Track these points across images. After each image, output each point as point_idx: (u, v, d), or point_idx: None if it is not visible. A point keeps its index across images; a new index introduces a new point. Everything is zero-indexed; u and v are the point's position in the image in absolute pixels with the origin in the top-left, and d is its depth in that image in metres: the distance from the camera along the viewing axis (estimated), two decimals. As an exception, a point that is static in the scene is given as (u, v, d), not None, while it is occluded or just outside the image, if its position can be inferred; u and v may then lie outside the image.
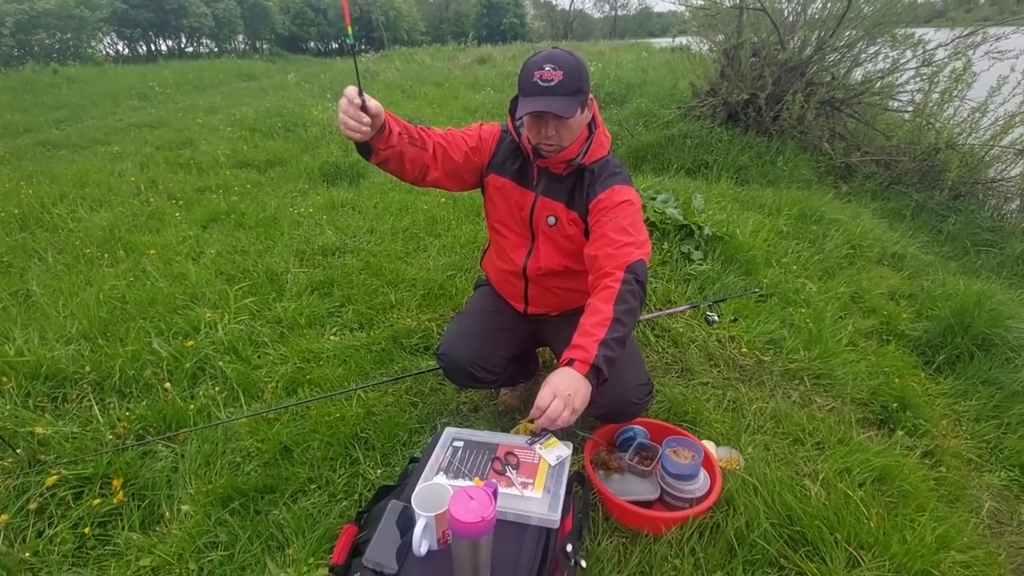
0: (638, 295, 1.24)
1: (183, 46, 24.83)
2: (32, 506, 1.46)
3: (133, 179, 4.39)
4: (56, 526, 1.43)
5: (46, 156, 5.55)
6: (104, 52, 20.68)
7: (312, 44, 31.71)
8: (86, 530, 1.40)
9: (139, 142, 5.86)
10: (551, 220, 1.46)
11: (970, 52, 4.25)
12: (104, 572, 1.33)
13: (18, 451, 1.60)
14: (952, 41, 4.32)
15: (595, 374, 1.15)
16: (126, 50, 23.55)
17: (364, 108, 1.16)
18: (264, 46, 28.01)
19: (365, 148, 1.27)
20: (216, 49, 25.27)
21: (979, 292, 2.63)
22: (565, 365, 1.15)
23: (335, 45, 31.58)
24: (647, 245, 1.33)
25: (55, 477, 1.51)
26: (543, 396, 1.11)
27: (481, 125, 1.53)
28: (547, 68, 1.25)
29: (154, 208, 3.76)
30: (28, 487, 1.51)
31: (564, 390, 1.10)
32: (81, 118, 7.74)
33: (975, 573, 1.34)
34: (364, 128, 1.17)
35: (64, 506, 1.49)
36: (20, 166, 4.98)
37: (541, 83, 1.25)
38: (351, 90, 1.15)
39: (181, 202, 3.90)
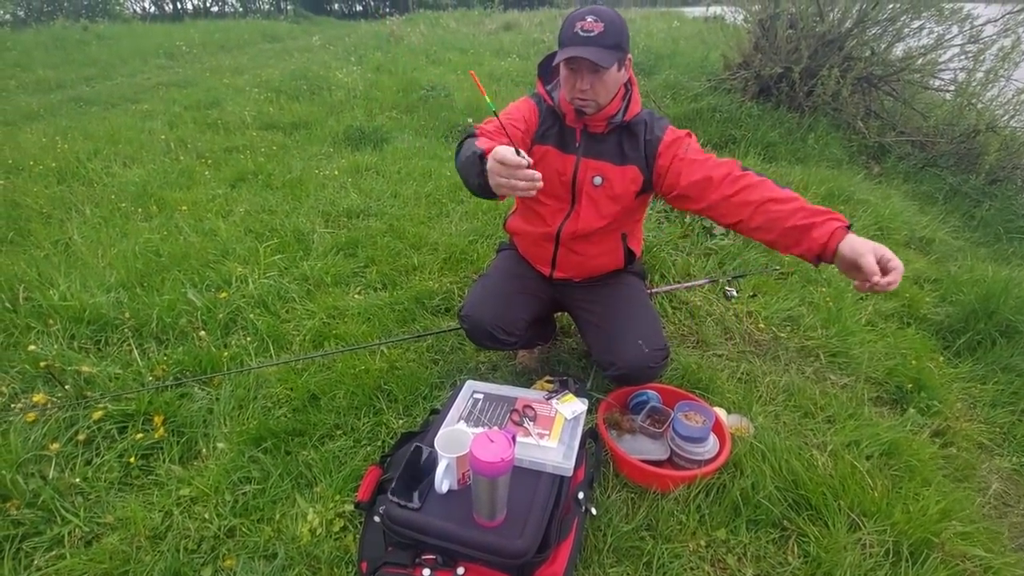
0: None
1: (208, 5, 24.74)
2: (81, 437, 1.57)
3: (163, 137, 4.47)
4: (103, 456, 1.54)
5: (78, 112, 5.66)
6: (131, 9, 20.81)
7: (336, 6, 31.23)
8: (131, 460, 1.51)
9: (167, 101, 5.93)
10: (597, 180, 1.48)
11: (1020, 29, 4.05)
12: (148, 498, 1.44)
13: (66, 387, 1.71)
14: (1002, 17, 4.12)
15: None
16: (153, 7, 23.57)
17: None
18: (288, 6, 27.69)
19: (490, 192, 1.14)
20: (241, 8, 25.13)
21: (1007, 279, 2.58)
22: (847, 232, 1.17)
23: (359, 7, 31.07)
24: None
25: (101, 412, 1.62)
26: (871, 262, 1.10)
27: (517, 107, 1.50)
28: (589, 19, 1.26)
29: (184, 166, 3.84)
30: (76, 420, 1.63)
31: (876, 248, 1.11)
32: (110, 76, 7.83)
33: (975, 544, 1.37)
34: (538, 183, 1.04)
35: (110, 439, 1.60)
36: (54, 122, 5.10)
37: (582, 33, 1.26)
38: (509, 155, 1.01)
39: (209, 161, 3.97)
